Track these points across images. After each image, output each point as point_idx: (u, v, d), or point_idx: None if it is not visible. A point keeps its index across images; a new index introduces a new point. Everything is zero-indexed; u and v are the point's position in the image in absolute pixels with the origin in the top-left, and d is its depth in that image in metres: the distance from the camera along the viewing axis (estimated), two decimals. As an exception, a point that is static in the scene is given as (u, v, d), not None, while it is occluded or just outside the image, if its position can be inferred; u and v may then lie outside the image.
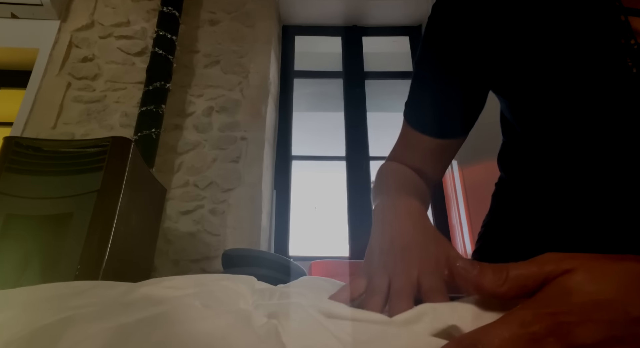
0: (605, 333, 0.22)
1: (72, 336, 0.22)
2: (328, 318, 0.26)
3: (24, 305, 0.29)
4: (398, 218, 0.42)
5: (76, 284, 0.34)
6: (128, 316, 0.25)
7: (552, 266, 0.25)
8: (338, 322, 0.26)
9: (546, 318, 0.23)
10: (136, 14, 2.42)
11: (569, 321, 0.22)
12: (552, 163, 0.52)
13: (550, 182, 0.53)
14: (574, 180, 0.50)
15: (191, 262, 1.88)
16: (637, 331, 0.22)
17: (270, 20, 2.48)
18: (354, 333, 0.24)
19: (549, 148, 0.52)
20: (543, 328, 0.22)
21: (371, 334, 0.25)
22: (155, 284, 0.33)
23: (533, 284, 0.25)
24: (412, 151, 0.61)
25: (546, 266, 0.25)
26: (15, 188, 1.35)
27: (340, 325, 0.25)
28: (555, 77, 0.46)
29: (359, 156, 2.42)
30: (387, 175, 0.59)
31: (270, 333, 0.24)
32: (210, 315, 0.26)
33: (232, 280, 0.37)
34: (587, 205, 0.49)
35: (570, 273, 0.24)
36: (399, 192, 0.51)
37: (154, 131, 1.94)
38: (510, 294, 0.26)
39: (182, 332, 0.23)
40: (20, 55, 2.32)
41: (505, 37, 0.51)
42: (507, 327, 0.23)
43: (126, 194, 1.40)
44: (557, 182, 0.52)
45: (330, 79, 2.81)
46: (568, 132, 0.48)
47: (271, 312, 0.28)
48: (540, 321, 0.22)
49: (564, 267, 0.25)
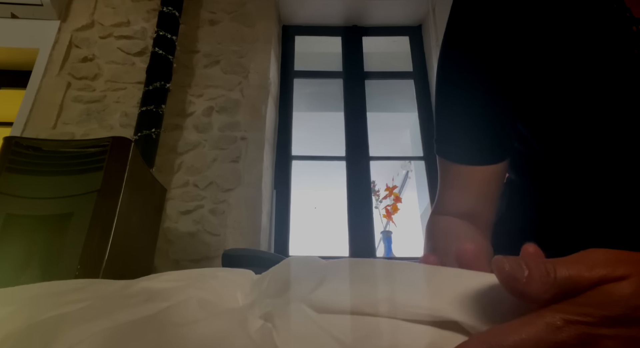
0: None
1: (67, 337, 0.22)
2: (324, 315, 0.26)
3: (22, 301, 0.29)
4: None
5: (75, 281, 0.35)
6: (123, 315, 0.25)
7: (605, 270, 0.21)
8: (335, 318, 0.25)
9: (580, 327, 0.20)
10: (136, 14, 2.42)
11: (607, 335, 0.20)
12: (567, 166, 0.49)
13: (565, 184, 0.51)
14: (589, 182, 0.47)
15: (191, 262, 1.88)
16: None
17: (270, 20, 2.48)
18: (352, 330, 0.24)
19: (565, 153, 0.49)
20: (573, 338, 0.19)
21: (370, 329, 0.25)
22: (153, 278, 0.33)
23: (580, 290, 0.21)
24: (461, 190, 0.54)
25: (598, 270, 0.21)
26: (15, 188, 1.35)
27: (338, 322, 0.25)
28: (574, 89, 0.45)
29: (359, 156, 2.42)
30: (443, 230, 0.53)
31: (265, 338, 0.24)
32: (204, 317, 0.26)
33: (229, 271, 0.37)
34: (603, 204, 0.48)
35: (624, 281, 0.21)
36: (473, 236, 0.48)
37: (154, 131, 1.94)
38: (553, 300, 0.21)
39: (176, 336, 0.23)
40: (20, 55, 2.32)
41: (524, 53, 0.49)
42: (532, 330, 0.20)
43: (126, 194, 1.40)
44: (572, 184, 0.49)
45: (330, 79, 2.81)
46: (586, 139, 0.46)
47: (266, 313, 0.28)
48: (571, 329, 0.20)
49: (619, 273, 0.21)
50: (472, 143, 0.52)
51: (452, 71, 0.55)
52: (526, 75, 0.49)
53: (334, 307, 0.26)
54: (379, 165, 3.20)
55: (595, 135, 0.45)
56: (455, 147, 0.53)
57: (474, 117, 0.53)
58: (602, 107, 0.44)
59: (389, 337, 0.24)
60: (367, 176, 2.38)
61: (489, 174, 0.53)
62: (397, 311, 0.25)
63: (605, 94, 0.44)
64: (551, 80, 0.47)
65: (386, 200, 3.25)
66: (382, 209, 3.22)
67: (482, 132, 0.52)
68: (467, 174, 0.53)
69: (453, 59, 0.55)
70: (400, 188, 3.79)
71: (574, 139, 0.47)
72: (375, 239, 2.28)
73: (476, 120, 0.52)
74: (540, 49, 0.48)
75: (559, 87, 0.46)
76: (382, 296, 0.26)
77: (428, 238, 0.55)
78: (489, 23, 0.51)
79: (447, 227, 0.53)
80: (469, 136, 0.53)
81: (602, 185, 0.47)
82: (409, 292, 0.26)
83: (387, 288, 0.26)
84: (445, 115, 0.55)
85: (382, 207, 3.23)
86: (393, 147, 3.41)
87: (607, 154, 0.45)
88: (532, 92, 0.49)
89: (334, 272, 0.32)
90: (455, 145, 0.54)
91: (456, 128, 0.54)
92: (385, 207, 3.23)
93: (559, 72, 0.46)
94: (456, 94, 0.54)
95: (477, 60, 0.52)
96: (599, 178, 0.47)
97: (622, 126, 0.44)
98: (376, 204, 3.13)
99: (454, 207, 0.54)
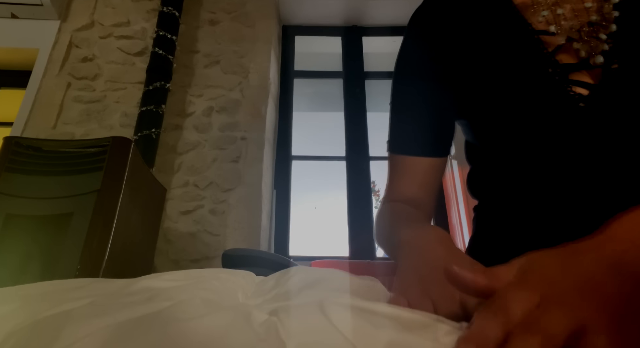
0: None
1: (71, 333, 0.22)
2: (328, 309, 0.26)
3: (25, 299, 0.29)
4: (430, 245, 0.44)
5: (76, 280, 0.35)
6: (128, 312, 0.25)
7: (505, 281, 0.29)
8: (338, 313, 0.26)
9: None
10: (136, 14, 2.42)
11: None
12: (512, 177, 0.56)
13: (514, 198, 0.57)
14: (535, 192, 0.53)
15: (191, 262, 1.88)
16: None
17: (270, 20, 2.48)
18: (354, 324, 0.24)
19: (508, 162, 0.57)
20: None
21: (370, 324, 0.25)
22: (154, 278, 0.33)
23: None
24: (405, 178, 0.65)
25: (501, 280, 0.29)
26: (15, 188, 1.35)
27: (343, 318, 0.25)
28: (501, 95, 0.55)
29: (359, 156, 2.42)
30: (392, 214, 0.61)
31: (269, 331, 0.24)
32: (209, 312, 0.26)
33: (231, 273, 0.37)
34: (552, 217, 0.52)
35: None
36: (417, 223, 0.54)
37: (154, 131, 1.94)
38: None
39: (181, 330, 0.23)
40: (20, 55, 2.32)
41: (461, 65, 0.60)
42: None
43: (126, 194, 1.40)
44: (521, 197, 0.55)
45: (330, 79, 2.81)
46: (519, 145, 0.54)
47: (272, 309, 0.28)
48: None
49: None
50: (418, 139, 0.65)
51: (404, 82, 0.67)
52: (463, 86, 0.60)
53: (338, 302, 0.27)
54: (379, 165, 3.19)
55: (531, 142, 0.53)
56: (405, 142, 0.66)
57: (420, 119, 0.65)
58: (530, 113, 0.52)
59: (390, 330, 0.24)
60: (367, 176, 2.38)
61: (429, 166, 0.65)
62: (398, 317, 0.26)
63: (532, 102, 0.52)
64: (479, 90, 0.58)
65: (386, 200, 3.24)
66: (382, 209, 3.21)
67: (426, 131, 0.65)
68: (412, 165, 0.65)
69: (404, 73, 0.67)
70: (400, 189, 3.78)
71: (515, 148, 0.55)
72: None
73: (422, 122, 0.65)
74: (470, 64, 0.59)
75: (492, 98, 0.56)
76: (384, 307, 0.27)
77: (378, 223, 0.64)
78: (433, 45, 0.64)
79: (395, 210, 0.62)
80: (415, 134, 0.65)
81: (551, 192, 0.52)
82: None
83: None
84: (397, 118, 0.67)
85: (382, 207, 3.22)
86: (393, 147, 3.40)
87: (545, 159, 0.52)
88: (470, 99, 0.60)
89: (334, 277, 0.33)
90: (405, 141, 0.66)
91: (406, 127, 0.66)
92: (385, 207, 3.22)
93: (491, 86, 0.56)
94: (408, 100, 0.66)
95: (423, 76, 0.64)
96: (547, 186, 0.53)
97: (550, 131, 0.52)
98: (376, 204, 3.13)
99: (401, 195, 0.65)
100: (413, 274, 0.40)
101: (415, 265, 0.42)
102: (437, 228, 0.48)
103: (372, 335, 0.24)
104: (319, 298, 0.28)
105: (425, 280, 0.39)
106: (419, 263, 0.42)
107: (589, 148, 0.49)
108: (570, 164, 0.50)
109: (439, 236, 0.45)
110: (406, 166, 0.65)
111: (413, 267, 0.42)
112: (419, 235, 0.47)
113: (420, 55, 0.65)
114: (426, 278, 0.39)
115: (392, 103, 0.68)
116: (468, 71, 0.59)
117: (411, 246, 0.45)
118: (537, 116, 0.52)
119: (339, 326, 0.24)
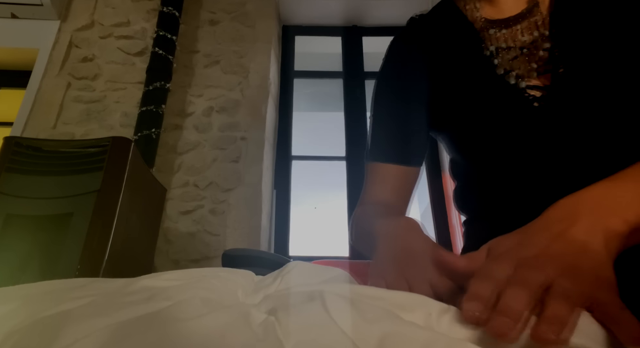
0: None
1: (71, 333, 0.22)
2: (326, 306, 0.26)
3: (25, 299, 0.29)
4: (403, 233, 0.49)
5: (75, 280, 0.35)
6: (127, 312, 0.25)
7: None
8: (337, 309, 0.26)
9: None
10: (136, 14, 2.42)
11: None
12: (487, 186, 0.62)
13: (491, 207, 0.63)
14: (508, 196, 0.59)
15: (191, 262, 1.88)
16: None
17: (270, 20, 2.48)
18: (353, 320, 0.25)
19: (481, 171, 0.63)
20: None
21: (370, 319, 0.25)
22: (154, 277, 0.33)
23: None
24: (380, 184, 0.71)
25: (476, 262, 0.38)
26: (15, 188, 1.35)
27: (340, 310, 0.25)
28: (467, 106, 0.62)
29: (359, 156, 2.42)
30: (367, 213, 0.67)
31: (268, 330, 0.24)
32: (208, 312, 0.26)
33: (231, 272, 0.37)
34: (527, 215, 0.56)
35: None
36: (391, 215, 0.60)
37: (154, 131, 1.94)
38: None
39: (180, 330, 0.23)
40: (20, 55, 2.32)
41: (433, 84, 0.68)
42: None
43: (126, 194, 1.40)
44: (497, 205, 0.61)
45: (330, 79, 2.81)
46: (488, 149, 0.60)
47: (270, 308, 0.28)
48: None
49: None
50: (393, 149, 0.71)
51: (382, 99, 0.74)
52: (436, 103, 0.68)
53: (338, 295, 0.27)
54: (379, 165, 3.19)
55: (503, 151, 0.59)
56: (382, 151, 0.72)
57: (396, 131, 0.71)
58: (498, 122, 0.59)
59: (390, 324, 0.24)
60: (367, 176, 2.38)
61: (403, 173, 0.71)
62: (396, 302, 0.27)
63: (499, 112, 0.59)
64: (448, 104, 0.65)
65: (386, 200, 3.24)
66: (382, 209, 3.21)
67: (400, 142, 0.71)
68: (387, 172, 0.71)
69: (382, 91, 0.75)
70: (400, 189, 3.78)
71: (470, 143, 0.63)
72: (375, 239, 2.28)
73: (397, 134, 0.71)
74: (440, 83, 0.67)
75: (453, 108, 0.64)
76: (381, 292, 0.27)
77: (353, 223, 0.70)
78: (408, 66, 0.72)
79: (370, 209, 0.67)
80: (390, 144, 0.71)
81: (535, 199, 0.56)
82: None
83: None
84: (375, 131, 0.74)
85: (382, 207, 3.22)
86: (393, 147, 3.40)
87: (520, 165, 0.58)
88: (442, 113, 0.67)
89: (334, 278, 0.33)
90: (382, 150, 0.72)
91: (383, 139, 0.73)
92: (385, 207, 3.22)
93: (451, 98, 0.65)
94: (385, 115, 0.73)
95: (398, 94, 0.72)
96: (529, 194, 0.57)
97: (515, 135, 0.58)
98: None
99: (374, 198, 0.70)
100: (389, 259, 0.46)
101: (391, 250, 0.47)
102: (409, 218, 0.53)
103: (371, 327, 0.24)
104: (316, 289, 0.28)
105: (401, 264, 0.44)
106: (394, 249, 0.47)
107: (547, 143, 0.55)
108: (532, 159, 0.56)
109: (411, 224, 0.50)
110: (382, 173, 0.71)
111: (389, 253, 0.47)
112: (392, 224, 0.52)
113: (397, 75, 0.73)
114: (401, 262, 0.44)
115: (372, 117, 0.75)
116: (439, 89, 0.67)
117: (386, 235, 0.51)
118: (499, 119, 0.59)
119: (337, 320, 0.24)
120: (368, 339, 0.23)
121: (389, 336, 0.23)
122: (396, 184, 0.71)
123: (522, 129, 0.57)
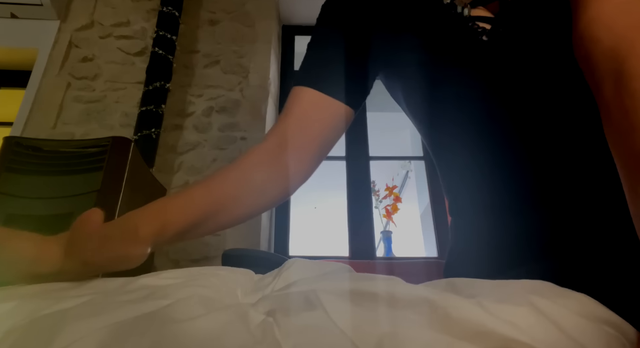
0: None
1: (69, 333, 0.22)
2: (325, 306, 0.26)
3: (24, 297, 0.29)
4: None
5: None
6: (125, 311, 0.25)
7: None
8: (336, 310, 0.26)
9: None
10: (136, 14, 2.42)
11: None
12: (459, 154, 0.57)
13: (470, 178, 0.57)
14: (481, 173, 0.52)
15: (191, 262, 1.88)
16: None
17: (270, 20, 2.48)
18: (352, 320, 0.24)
19: (446, 142, 0.58)
20: None
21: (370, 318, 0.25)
22: (153, 276, 0.33)
23: None
24: (289, 110, 0.60)
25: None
26: (15, 188, 1.35)
27: (339, 309, 0.25)
28: (419, 39, 0.56)
29: (359, 156, 2.42)
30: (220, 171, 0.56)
31: (266, 332, 0.24)
32: (206, 313, 0.26)
33: (230, 270, 0.37)
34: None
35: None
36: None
37: (154, 131, 1.94)
38: None
39: (176, 333, 0.23)
40: (20, 55, 2.32)
41: (386, 22, 0.61)
42: None
43: (126, 194, 1.40)
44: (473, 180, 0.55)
45: (330, 78, 2.80)
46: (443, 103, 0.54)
47: (269, 309, 0.28)
48: None
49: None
50: (319, 74, 0.62)
51: (324, 25, 0.67)
52: (387, 42, 0.60)
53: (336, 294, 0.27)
54: (379, 165, 3.19)
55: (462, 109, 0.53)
56: (306, 75, 0.62)
57: (334, 60, 0.63)
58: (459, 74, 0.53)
59: (390, 324, 0.24)
60: (367, 176, 2.38)
61: (323, 102, 0.60)
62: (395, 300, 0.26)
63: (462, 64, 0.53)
64: (400, 40, 0.59)
65: (386, 200, 3.24)
66: (382, 209, 3.21)
67: (336, 73, 0.62)
68: (304, 95, 0.60)
69: (327, 18, 0.67)
70: (400, 188, 3.79)
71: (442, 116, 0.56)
72: (375, 239, 2.28)
73: (335, 63, 0.62)
74: (392, 20, 0.60)
75: (422, 63, 0.56)
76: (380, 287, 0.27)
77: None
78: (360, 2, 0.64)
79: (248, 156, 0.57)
80: (318, 68, 0.63)
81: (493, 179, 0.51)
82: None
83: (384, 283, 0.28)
84: (310, 55, 0.66)
85: (382, 207, 3.22)
86: (393, 147, 3.41)
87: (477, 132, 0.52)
88: (393, 53, 0.60)
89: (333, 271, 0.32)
90: (306, 74, 0.63)
91: (318, 65, 0.64)
92: (385, 207, 3.22)
93: (422, 50, 0.56)
94: (324, 41, 0.65)
95: (343, 24, 0.64)
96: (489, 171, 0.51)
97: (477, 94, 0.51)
98: (376, 204, 3.13)
99: (276, 129, 0.59)
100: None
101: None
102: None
103: (370, 328, 0.24)
104: (316, 288, 0.28)
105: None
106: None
107: (495, 85, 0.50)
108: (479, 102, 0.51)
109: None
110: (297, 97, 0.60)
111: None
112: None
113: (345, 7, 0.66)
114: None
115: (309, 43, 0.67)
116: (384, 23, 0.61)
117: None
118: (445, 57, 0.54)
119: (337, 320, 0.24)
120: (368, 340, 0.23)
121: (389, 336, 0.23)
122: (308, 113, 0.59)
123: (470, 69, 0.52)
